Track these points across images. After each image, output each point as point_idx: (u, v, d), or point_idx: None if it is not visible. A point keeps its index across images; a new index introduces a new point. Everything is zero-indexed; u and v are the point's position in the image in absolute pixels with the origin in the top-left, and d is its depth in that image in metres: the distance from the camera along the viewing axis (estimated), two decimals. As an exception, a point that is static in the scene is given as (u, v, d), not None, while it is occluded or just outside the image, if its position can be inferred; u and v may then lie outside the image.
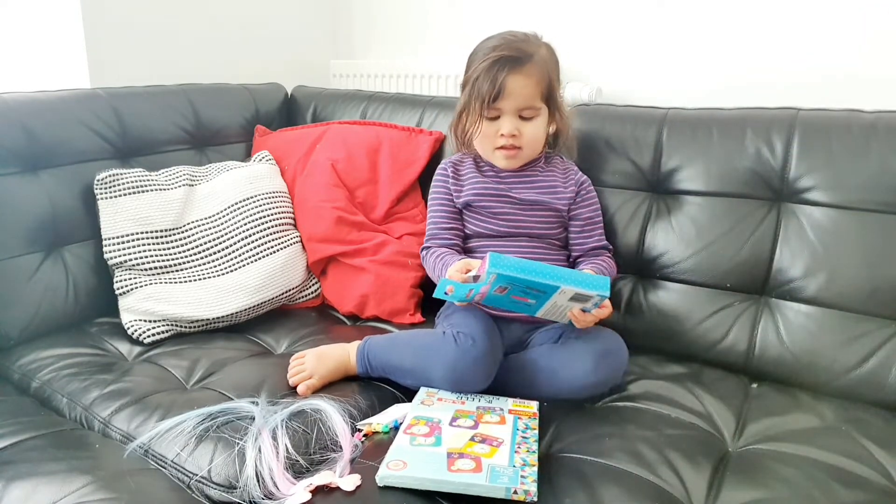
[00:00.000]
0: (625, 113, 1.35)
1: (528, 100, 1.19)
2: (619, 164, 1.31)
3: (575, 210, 1.26)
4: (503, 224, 1.24)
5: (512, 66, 1.16)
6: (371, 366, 1.12)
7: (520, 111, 1.19)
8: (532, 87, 1.18)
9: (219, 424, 0.96)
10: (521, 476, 0.84)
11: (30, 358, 1.18)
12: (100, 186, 1.34)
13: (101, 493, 0.83)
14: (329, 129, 1.65)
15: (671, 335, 1.24)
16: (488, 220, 1.25)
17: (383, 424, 0.99)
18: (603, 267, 1.21)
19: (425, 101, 1.64)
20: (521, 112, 1.19)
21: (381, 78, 2.07)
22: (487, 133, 1.22)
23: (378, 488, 0.84)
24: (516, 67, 1.16)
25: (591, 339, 1.09)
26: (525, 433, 0.95)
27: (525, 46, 1.18)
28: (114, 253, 1.32)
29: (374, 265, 1.42)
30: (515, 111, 1.19)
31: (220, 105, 1.68)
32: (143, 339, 1.25)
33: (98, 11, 1.64)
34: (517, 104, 1.18)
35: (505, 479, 0.84)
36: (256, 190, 1.47)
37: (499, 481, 0.83)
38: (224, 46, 1.93)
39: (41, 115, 1.33)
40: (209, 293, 1.32)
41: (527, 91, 1.18)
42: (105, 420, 1.02)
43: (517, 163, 1.25)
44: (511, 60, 1.16)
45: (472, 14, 1.95)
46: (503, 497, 0.82)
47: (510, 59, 1.16)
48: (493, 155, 1.25)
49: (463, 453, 0.89)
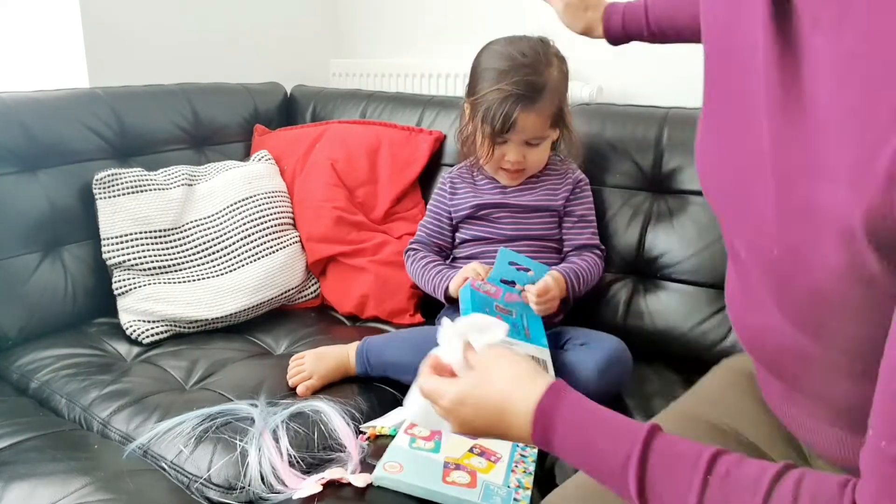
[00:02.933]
0: (625, 112, 1.35)
1: (538, 132, 1.19)
2: (620, 163, 1.31)
3: (569, 207, 1.26)
4: (504, 229, 1.25)
5: (524, 104, 1.13)
6: (370, 364, 1.11)
7: (527, 141, 1.20)
8: (543, 121, 1.18)
9: (218, 425, 0.96)
10: (514, 498, 0.84)
11: (28, 358, 1.18)
12: (98, 186, 1.33)
13: (100, 494, 0.83)
14: (328, 128, 1.65)
15: (671, 335, 1.23)
16: (489, 225, 1.27)
17: (391, 427, 0.99)
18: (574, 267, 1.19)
19: (425, 100, 1.63)
20: (528, 141, 1.20)
21: (381, 77, 2.07)
22: (493, 156, 1.22)
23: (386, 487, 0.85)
24: (528, 106, 1.14)
25: (594, 347, 1.08)
26: (524, 451, 0.94)
27: (537, 79, 1.15)
28: (112, 253, 1.31)
29: (374, 265, 1.41)
30: (523, 142, 1.19)
31: (219, 104, 1.67)
32: (141, 340, 1.25)
33: (97, 11, 1.64)
34: (526, 136, 1.18)
35: (497, 499, 0.83)
36: (255, 190, 1.47)
37: (491, 500, 0.83)
38: (224, 46, 1.93)
39: (40, 114, 1.32)
40: (208, 293, 1.32)
41: (538, 125, 1.17)
42: (104, 421, 1.02)
43: (520, 180, 1.27)
44: (523, 98, 1.13)
45: (472, 14, 1.95)
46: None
47: (522, 97, 1.13)
48: (497, 173, 1.27)
49: (459, 464, 0.88)
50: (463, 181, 1.31)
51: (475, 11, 1.94)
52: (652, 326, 1.25)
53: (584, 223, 1.26)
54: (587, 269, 1.19)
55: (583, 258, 1.22)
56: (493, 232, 1.26)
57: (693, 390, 0.87)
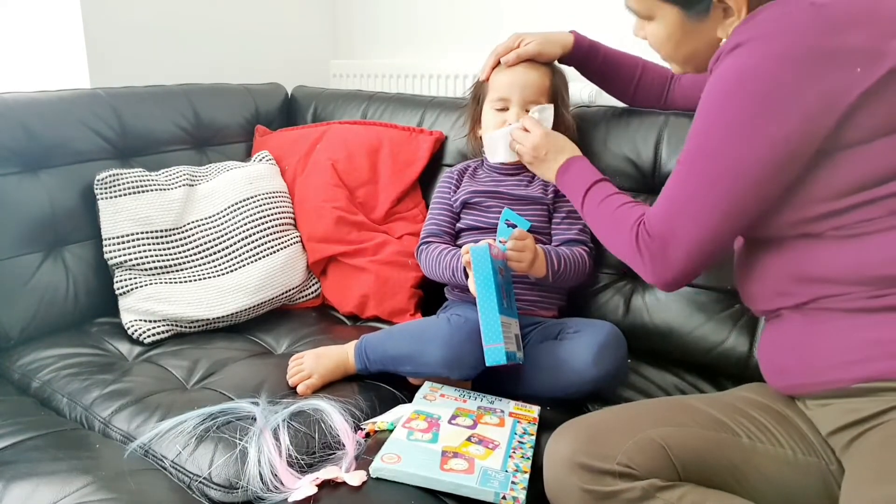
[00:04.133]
0: (625, 113, 1.35)
1: (536, 94, 1.24)
2: (619, 164, 1.31)
3: (557, 203, 1.28)
4: (495, 218, 1.27)
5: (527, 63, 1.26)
6: (369, 360, 1.12)
7: (526, 104, 1.24)
8: (542, 82, 1.25)
9: (219, 425, 0.96)
10: (511, 482, 0.84)
11: (30, 358, 1.18)
12: (100, 186, 1.34)
13: (101, 494, 0.83)
14: (329, 129, 1.65)
15: (670, 337, 1.23)
16: (482, 214, 1.29)
17: (388, 422, 0.99)
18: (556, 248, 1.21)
19: (426, 101, 1.64)
20: (527, 106, 1.24)
21: (382, 78, 2.07)
22: (493, 123, 1.26)
23: (384, 484, 0.85)
24: (530, 64, 1.26)
25: (589, 333, 1.09)
26: (522, 438, 0.95)
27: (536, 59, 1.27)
28: (114, 253, 1.32)
29: (375, 265, 1.42)
30: (522, 104, 1.24)
31: (221, 105, 1.68)
32: (143, 339, 1.25)
33: (98, 11, 1.64)
34: (524, 96, 1.23)
35: (495, 483, 0.84)
36: (256, 190, 1.47)
37: (489, 485, 0.83)
38: (224, 46, 1.93)
39: (41, 114, 1.33)
40: (209, 293, 1.32)
41: (536, 83, 1.25)
42: (105, 420, 1.02)
43: None
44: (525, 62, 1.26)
45: (472, 14, 1.95)
46: (492, 501, 0.83)
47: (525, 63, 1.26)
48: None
49: (458, 452, 0.89)
50: (465, 174, 1.36)
51: (476, 13, 1.94)
52: (651, 327, 1.25)
53: (572, 220, 1.27)
54: (569, 257, 1.20)
55: (569, 249, 1.23)
56: (485, 221, 1.28)
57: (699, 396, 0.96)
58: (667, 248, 0.86)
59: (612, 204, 0.98)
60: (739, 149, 0.79)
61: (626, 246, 0.91)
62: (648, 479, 0.76)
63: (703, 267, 0.87)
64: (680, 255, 0.85)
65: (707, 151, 0.82)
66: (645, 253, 0.88)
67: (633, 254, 0.90)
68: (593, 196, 1.02)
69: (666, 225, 0.86)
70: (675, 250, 0.85)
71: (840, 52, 0.75)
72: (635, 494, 0.76)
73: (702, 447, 0.80)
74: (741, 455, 0.81)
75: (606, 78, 1.30)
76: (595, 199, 1.02)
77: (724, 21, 0.87)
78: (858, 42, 0.75)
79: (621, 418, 0.85)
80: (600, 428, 0.83)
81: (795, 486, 0.81)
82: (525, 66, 1.25)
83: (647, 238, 0.88)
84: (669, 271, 0.87)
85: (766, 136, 0.77)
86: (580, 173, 1.08)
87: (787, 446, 0.82)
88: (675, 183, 0.87)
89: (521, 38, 1.25)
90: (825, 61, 0.75)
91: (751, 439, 0.82)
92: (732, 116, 0.79)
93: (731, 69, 0.80)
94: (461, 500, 0.84)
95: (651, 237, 0.87)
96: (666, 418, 0.83)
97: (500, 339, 0.99)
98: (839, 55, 0.75)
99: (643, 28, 0.96)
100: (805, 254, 0.83)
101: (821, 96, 0.75)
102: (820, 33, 0.75)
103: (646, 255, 0.88)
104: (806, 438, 0.83)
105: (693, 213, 0.83)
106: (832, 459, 0.81)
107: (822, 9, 0.76)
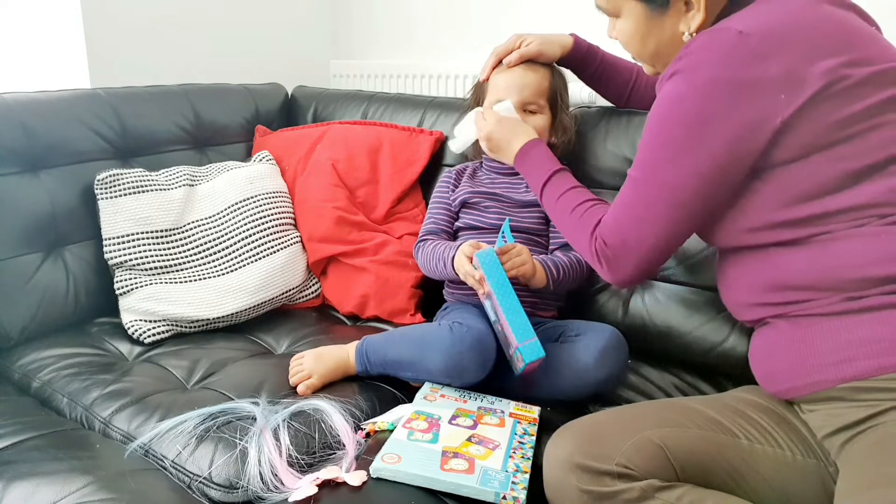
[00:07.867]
0: (624, 114, 1.35)
1: (534, 95, 1.25)
2: (619, 165, 1.31)
3: None
4: (492, 218, 1.28)
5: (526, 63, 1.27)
6: (370, 362, 1.12)
7: (524, 105, 1.24)
8: (541, 83, 1.26)
9: (219, 425, 0.96)
10: (511, 482, 0.85)
11: (30, 358, 1.18)
12: (100, 186, 1.34)
13: (101, 494, 0.84)
14: (330, 129, 1.65)
15: (670, 337, 1.23)
16: (480, 214, 1.30)
17: (389, 423, 0.99)
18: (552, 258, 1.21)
19: (426, 101, 1.64)
20: (525, 106, 1.25)
21: (382, 78, 2.07)
22: None
23: (384, 484, 0.85)
24: (530, 64, 1.27)
25: (591, 336, 1.09)
26: (523, 438, 0.95)
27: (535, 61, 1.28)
28: (114, 253, 1.32)
29: (375, 265, 1.42)
30: (521, 104, 1.24)
31: (221, 105, 1.68)
32: (143, 339, 1.25)
33: (98, 11, 1.64)
34: (524, 97, 1.24)
35: (496, 483, 0.84)
36: (257, 190, 1.47)
37: (489, 485, 0.83)
38: (224, 46, 1.93)
39: (41, 114, 1.33)
40: (209, 293, 1.32)
41: (534, 84, 1.25)
42: (105, 420, 1.02)
43: None
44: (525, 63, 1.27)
45: (472, 14, 1.95)
46: (492, 501, 0.83)
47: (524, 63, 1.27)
48: None
49: (458, 453, 0.89)
50: (465, 175, 1.37)
51: (476, 13, 1.94)
52: (651, 327, 1.25)
53: None
54: (567, 264, 1.20)
55: (566, 255, 1.23)
56: (483, 221, 1.29)
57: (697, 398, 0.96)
58: (621, 255, 0.93)
59: (569, 203, 1.03)
60: (676, 166, 0.86)
61: (585, 251, 0.98)
62: (647, 479, 0.77)
63: (658, 266, 0.95)
64: (633, 260, 0.93)
65: (649, 167, 0.89)
66: (602, 259, 0.95)
67: (591, 257, 0.98)
68: (551, 191, 1.07)
69: (619, 237, 0.93)
70: (629, 256, 0.93)
71: (761, 80, 0.79)
72: (634, 495, 0.76)
73: (700, 448, 0.81)
74: (740, 456, 0.81)
75: (602, 81, 1.31)
76: (553, 195, 1.07)
77: (686, 15, 0.90)
78: (780, 70, 0.78)
79: (620, 419, 0.85)
80: (599, 429, 0.83)
81: (794, 488, 0.81)
82: (525, 67, 1.26)
83: (603, 247, 0.95)
84: (624, 274, 0.95)
85: (695, 159, 0.84)
86: (536, 162, 1.12)
87: (785, 447, 0.82)
88: (626, 193, 0.93)
89: (522, 38, 1.26)
90: (748, 91, 0.79)
91: (749, 440, 0.82)
92: (666, 139, 0.87)
93: (667, 96, 0.86)
94: (461, 500, 0.84)
95: (607, 245, 0.94)
96: (665, 419, 0.83)
97: (532, 334, 1.01)
98: (760, 84, 0.79)
99: (615, 27, 0.99)
100: (771, 262, 0.85)
101: (744, 123, 0.80)
102: (743, 63, 0.79)
103: (603, 261, 0.95)
104: (805, 440, 0.83)
105: (643, 224, 0.90)
106: (830, 461, 0.81)
107: (747, 38, 0.79)
